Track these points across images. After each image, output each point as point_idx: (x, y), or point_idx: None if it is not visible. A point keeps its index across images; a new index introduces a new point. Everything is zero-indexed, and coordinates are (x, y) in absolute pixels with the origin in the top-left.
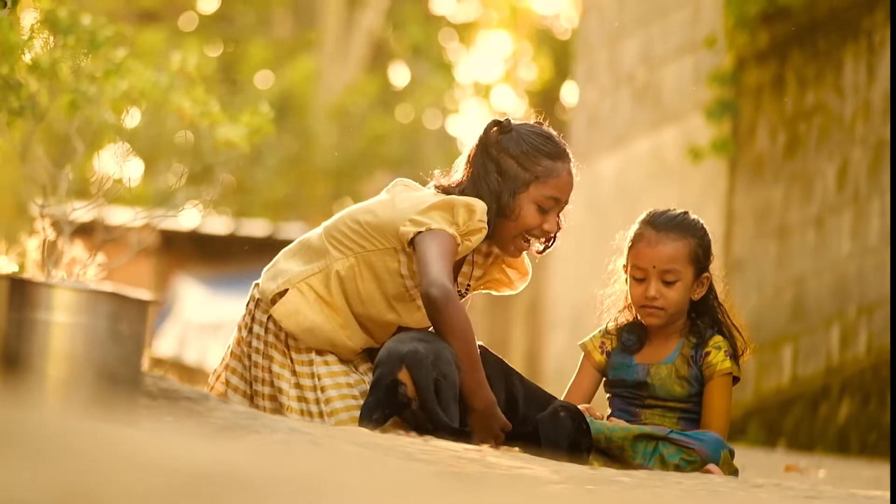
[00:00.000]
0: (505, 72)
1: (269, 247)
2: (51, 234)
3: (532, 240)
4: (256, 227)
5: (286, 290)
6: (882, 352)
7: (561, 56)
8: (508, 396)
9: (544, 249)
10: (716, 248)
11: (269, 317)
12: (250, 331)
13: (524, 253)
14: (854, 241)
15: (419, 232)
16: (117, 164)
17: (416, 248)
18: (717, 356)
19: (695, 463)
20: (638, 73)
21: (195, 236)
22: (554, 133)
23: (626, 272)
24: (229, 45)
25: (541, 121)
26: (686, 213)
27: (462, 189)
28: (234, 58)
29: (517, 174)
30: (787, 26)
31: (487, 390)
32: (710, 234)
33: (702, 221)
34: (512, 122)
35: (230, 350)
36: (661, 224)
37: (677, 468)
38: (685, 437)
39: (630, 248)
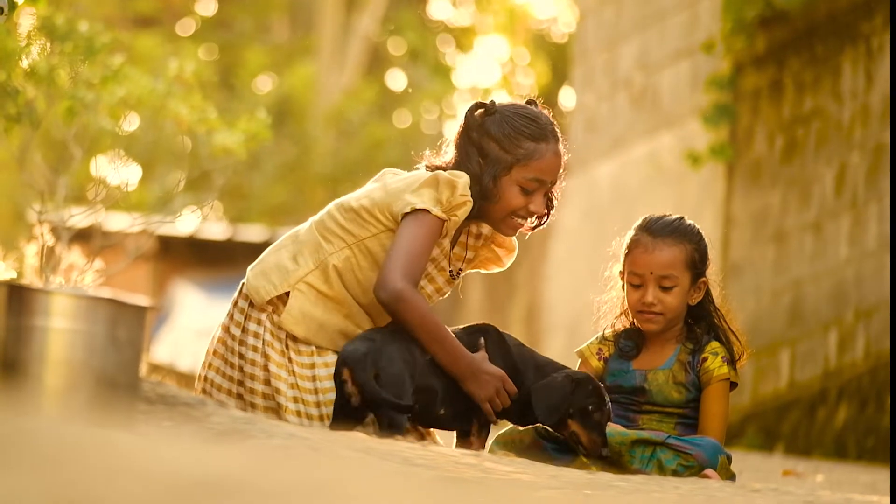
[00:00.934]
0: (502, 77)
1: None
2: (49, 241)
3: (522, 219)
4: (254, 233)
5: (285, 293)
6: (880, 356)
7: (558, 61)
8: (512, 370)
9: (536, 226)
10: (713, 254)
11: (267, 314)
12: (244, 329)
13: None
14: (852, 245)
15: (407, 213)
16: (115, 170)
17: (397, 231)
18: (715, 362)
19: (692, 468)
20: (635, 77)
21: (193, 242)
22: (541, 113)
23: (622, 278)
24: (227, 51)
25: (534, 99)
26: (682, 218)
27: (450, 170)
28: (231, 63)
29: (499, 157)
30: (785, 31)
31: (463, 357)
32: (706, 240)
33: (698, 227)
34: (496, 103)
35: (212, 350)
36: (658, 230)
37: (675, 473)
38: (683, 443)
39: (626, 254)
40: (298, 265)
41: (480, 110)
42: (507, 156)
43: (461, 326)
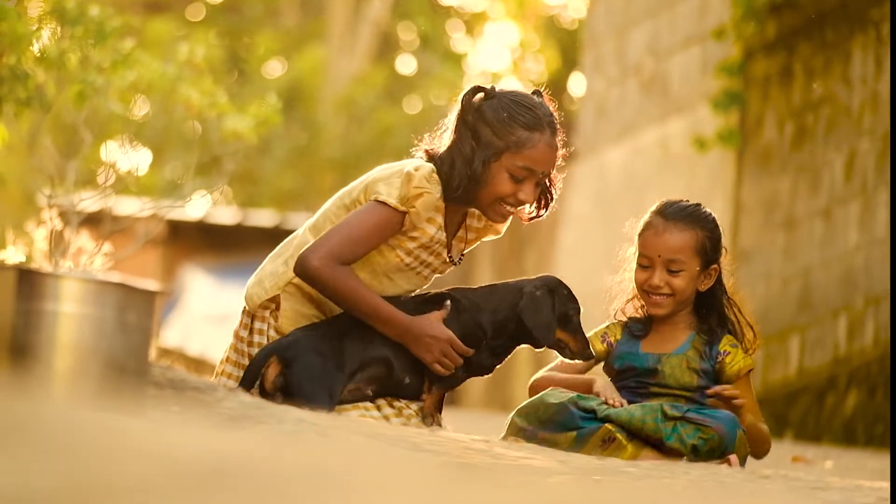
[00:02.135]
0: (512, 62)
1: (276, 237)
2: (58, 225)
3: (511, 206)
4: (264, 218)
5: (275, 297)
6: (889, 343)
7: (568, 47)
8: (469, 330)
9: (535, 217)
10: (723, 240)
11: (271, 311)
12: (250, 330)
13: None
14: (861, 232)
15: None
16: (125, 154)
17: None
18: (737, 356)
19: (712, 440)
20: (645, 63)
21: (202, 226)
22: (541, 104)
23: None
24: (237, 36)
25: (540, 90)
26: (699, 205)
27: (441, 154)
28: (241, 48)
29: (490, 142)
30: (796, 17)
31: (399, 324)
32: (720, 228)
33: (713, 214)
34: (497, 88)
35: (225, 358)
36: (670, 214)
37: (695, 448)
38: (702, 416)
39: (639, 235)
40: (288, 268)
41: (480, 94)
42: (499, 141)
43: (416, 294)
